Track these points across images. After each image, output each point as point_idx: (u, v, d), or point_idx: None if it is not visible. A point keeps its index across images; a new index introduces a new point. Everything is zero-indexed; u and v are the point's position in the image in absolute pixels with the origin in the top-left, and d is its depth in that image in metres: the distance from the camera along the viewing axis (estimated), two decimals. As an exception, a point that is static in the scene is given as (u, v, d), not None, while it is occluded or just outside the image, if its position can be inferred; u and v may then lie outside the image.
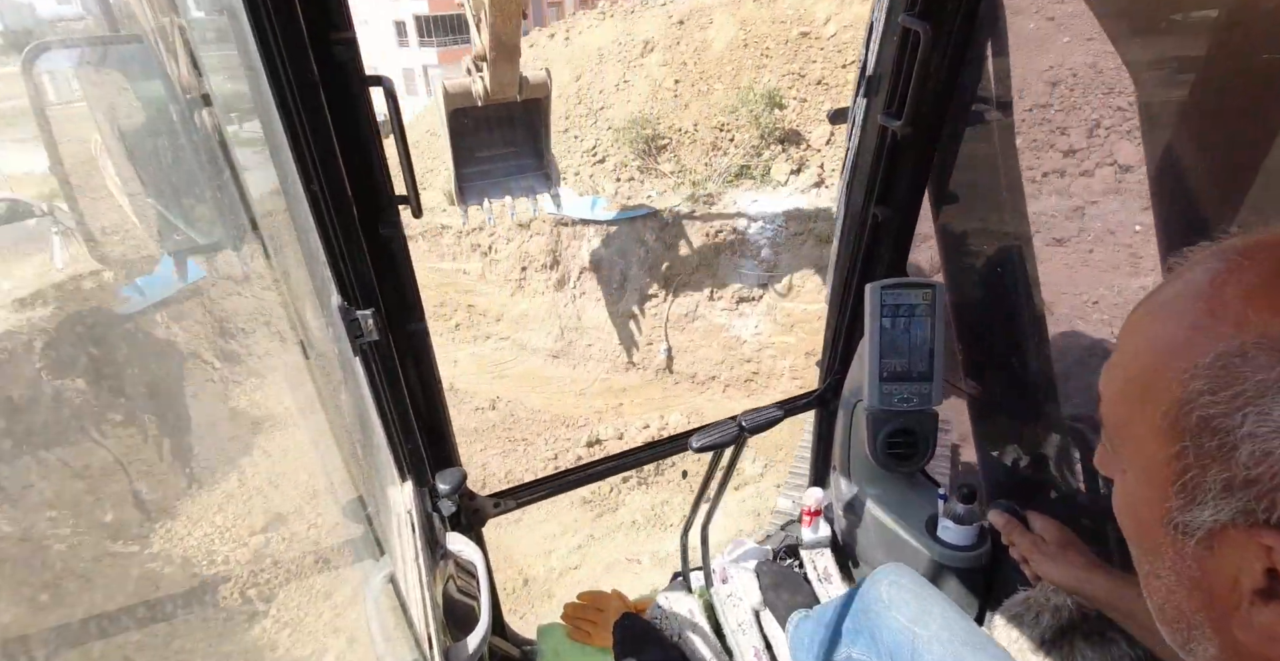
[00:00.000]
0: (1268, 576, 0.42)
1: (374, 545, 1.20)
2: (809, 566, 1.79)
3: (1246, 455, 0.41)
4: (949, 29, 1.14)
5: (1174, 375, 0.45)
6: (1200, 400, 0.43)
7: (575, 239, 9.08)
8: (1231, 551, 0.44)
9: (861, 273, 1.46)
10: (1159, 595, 0.52)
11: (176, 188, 0.96)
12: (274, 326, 3.24)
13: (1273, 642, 0.44)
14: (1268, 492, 0.41)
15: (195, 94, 0.81)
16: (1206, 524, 0.44)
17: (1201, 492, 0.44)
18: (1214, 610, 0.47)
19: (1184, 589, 0.49)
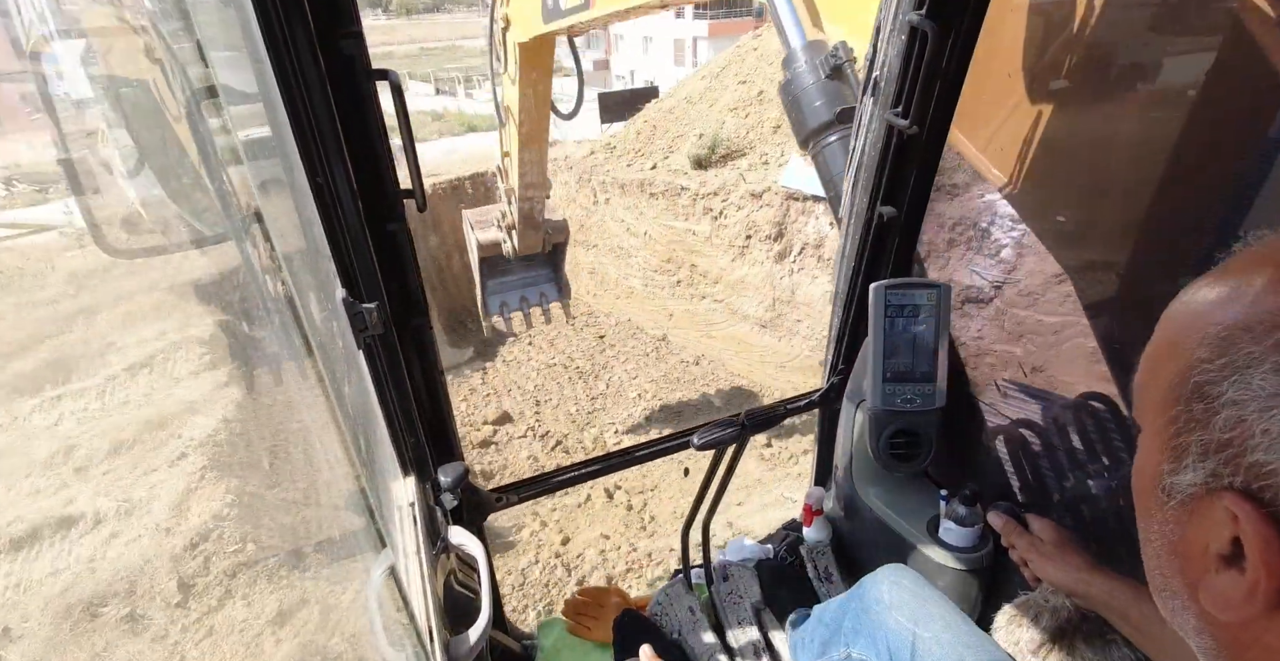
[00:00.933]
0: (1233, 544, 0.44)
1: (375, 537, 1.20)
2: (809, 565, 1.79)
3: (1223, 420, 0.43)
4: (956, 28, 1.14)
5: (1188, 345, 0.47)
6: (1200, 367, 0.45)
7: (804, 215, 9.08)
8: (1205, 517, 0.45)
9: (866, 272, 1.46)
10: (1149, 561, 0.53)
11: (182, 179, 0.96)
12: (278, 318, 3.27)
13: (1225, 609, 0.45)
14: (1235, 457, 0.43)
15: (201, 85, 0.81)
16: (1188, 488, 0.46)
17: (1186, 456, 0.46)
18: (1187, 575, 0.49)
19: (1166, 553, 0.50)
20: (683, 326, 9.97)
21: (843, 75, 1.50)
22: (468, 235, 6.03)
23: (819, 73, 1.54)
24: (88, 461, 5.68)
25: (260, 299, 0.96)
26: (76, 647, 4.14)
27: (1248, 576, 0.43)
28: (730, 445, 1.43)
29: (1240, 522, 0.42)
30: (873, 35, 1.22)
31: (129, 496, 5.27)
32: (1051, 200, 1.33)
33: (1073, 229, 1.33)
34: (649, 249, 10.23)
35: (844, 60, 1.50)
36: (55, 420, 6.19)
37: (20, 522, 5.01)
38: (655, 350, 10.00)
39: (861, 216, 1.39)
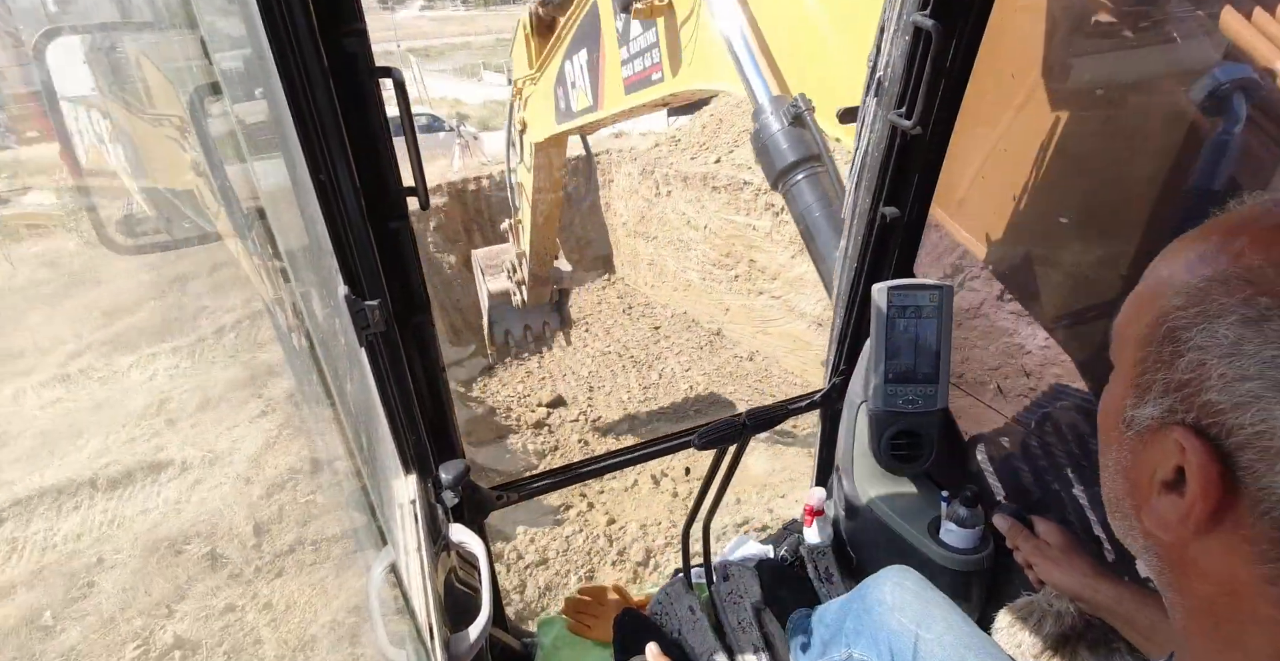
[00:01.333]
0: (1176, 472, 0.48)
1: (376, 534, 1.20)
2: (810, 566, 1.78)
3: (1186, 363, 0.47)
4: (960, 28, 1.14)
5: (1166, 294, 0.50)
6: (1175, 314, 0.49)
7: (865, 214, 9.18)
8: (1157, 447, 0.50)
9: (869, 273, 1.46)
10: (1106, 485, 0.59)
11: (186, 175, 0.96)
12: (281, 315, 3.38)
13: (1162, 528, 0.51)
14: (1190, 396, 0.47)
15: (205, 81, 0.82)
16: (1145, 420, 0.51)
17: (1149, 392, 0.51)
18: (1135, 497, 0.54)
19: (1120, 477, 0.55)
20: (738, 321, 9.95)
21: (803, 123, 1.67)
22: (478, 279, 6.41)
23: (783, 121, 1.71)
24: (178, 414, 6.30)
25: (263, 292, 0.96)
26: (161, 579, 4.61)
27: (1185, 500, 0.47)
28: (731, 445, 1.43)
29: (1186, 453, 0.47)
30: (876, 35, 1.21)
31: (213, 448, 5.84)
32: (1054, 204, 1.33)
33: (1071, 229, 1.33)
34: (708, 242, 10.23)
35: (803, 109, 1.66)
36: (150, 375, 6.88)
37: (116, 465, 5.59)
38: (709, 344, 10.00)
39: (864, 217, 1.38)
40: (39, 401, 6.65)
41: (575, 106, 3.51)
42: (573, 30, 3.30)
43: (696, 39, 2.25)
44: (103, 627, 4.32)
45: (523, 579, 5.46)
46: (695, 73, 2.34)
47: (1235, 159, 1.08)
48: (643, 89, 2.76)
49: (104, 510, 5.31)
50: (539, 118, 4.19)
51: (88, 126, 1.06)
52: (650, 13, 2.37)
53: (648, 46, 2.61)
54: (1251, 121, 1.05)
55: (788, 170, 1.69)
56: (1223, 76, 1.06)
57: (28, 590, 4.61)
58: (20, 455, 5.94)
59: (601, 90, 3.17)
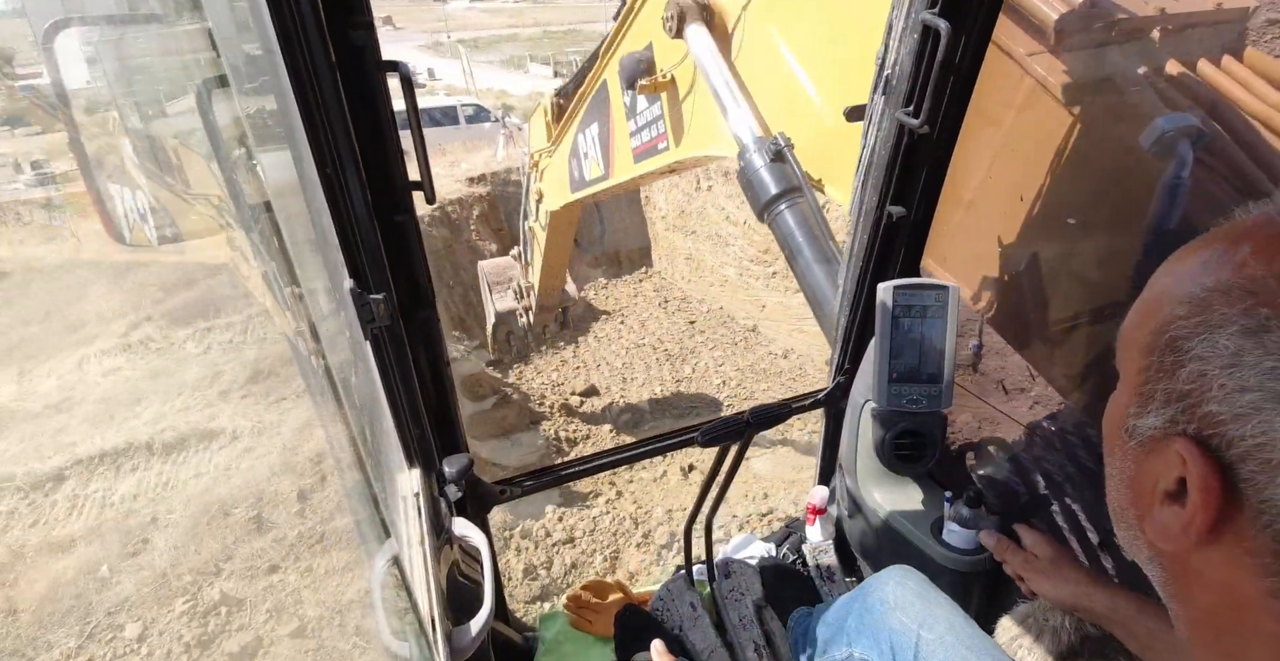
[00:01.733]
0: (1178, 482, 0.48)
1: (380, 527, 1.20)
2: (812, 564, 1.79)
3: (1188, 373, 0.47)
4: (970, 27, 1.13)
5: (1169, 302, 0.50)
6: (1177, 323, 0.49)
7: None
8: (1159, 457, 0.50)
9: (874, 272, 1.45)
10: (1110, 494, 0.58)
11: (193, 168, 0.96)
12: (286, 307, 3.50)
13: (1164, 539, 0.51)
14: (1192, 407, 0.47)
15: (212, 74, 0.81)
16: (1148, 430, 0.51)
17: (1151, 402, 0.51)
18: (1138, 507, 0.54)
19: (1123, 486, 0.56)
20: (774, 319, 9.96)
21: (784, 158, 1.81)
22: (484, 294, 6.61)
23: (765, 158, 1.85)
24: (230, 385, 6.71)
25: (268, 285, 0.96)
26: (211, 539, 4.99)
27: (1187, 511, 0.47)
28: (734, 442, 1.43)
29: (1188, 465, 0.47)
30: (885, 34, 1.21)
31: (262, 419, 6.24)
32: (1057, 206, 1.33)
33: (1078, 232, 1.33)
34: (747, 238, 10.25)
35: (783, 146, 1.80)
36: (205, 348, 7.41)
37: (171, 431, 6.01)
38: (744, 340, 10.04)
39: (870, 215, 1.38)
40: (101, 369, 7.12)
41: (588, 175, 3.75)
42: (585, 105, 3.55)
43: (696, 110, 2.48)
44: (155, 582, 4.67)
45: (549, 556, 5.58)
46: (696, 141, 2.54)
47: (1186, 200, 1.14)
48: (650, 158, 2.96)
49: (159, 473, 5.70)
50: (555, 187, 4.44)
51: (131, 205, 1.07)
52: (654, 88, 2.62)
53: (653, 119, 2.84)
54: (1201, 164, 1.12)
55: (772, 201, 1.81)
56: (1166, 125, 1.13)
57: (86, 544, 4.99)
58: (83, 419, 6.33)
59: (612, 160, 3.38)
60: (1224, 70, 1.13)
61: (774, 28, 2.01)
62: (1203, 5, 1.19)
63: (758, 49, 2.10)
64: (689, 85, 2.47)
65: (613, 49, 3.02)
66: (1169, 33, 1.21)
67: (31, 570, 4.82)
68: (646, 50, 2.64)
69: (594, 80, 3.33)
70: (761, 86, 2.08)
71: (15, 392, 6.92)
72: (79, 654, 4.24)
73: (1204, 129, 1.12)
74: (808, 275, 1.73)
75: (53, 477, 5.62)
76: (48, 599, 4.58)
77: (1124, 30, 1.23)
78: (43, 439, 6.14)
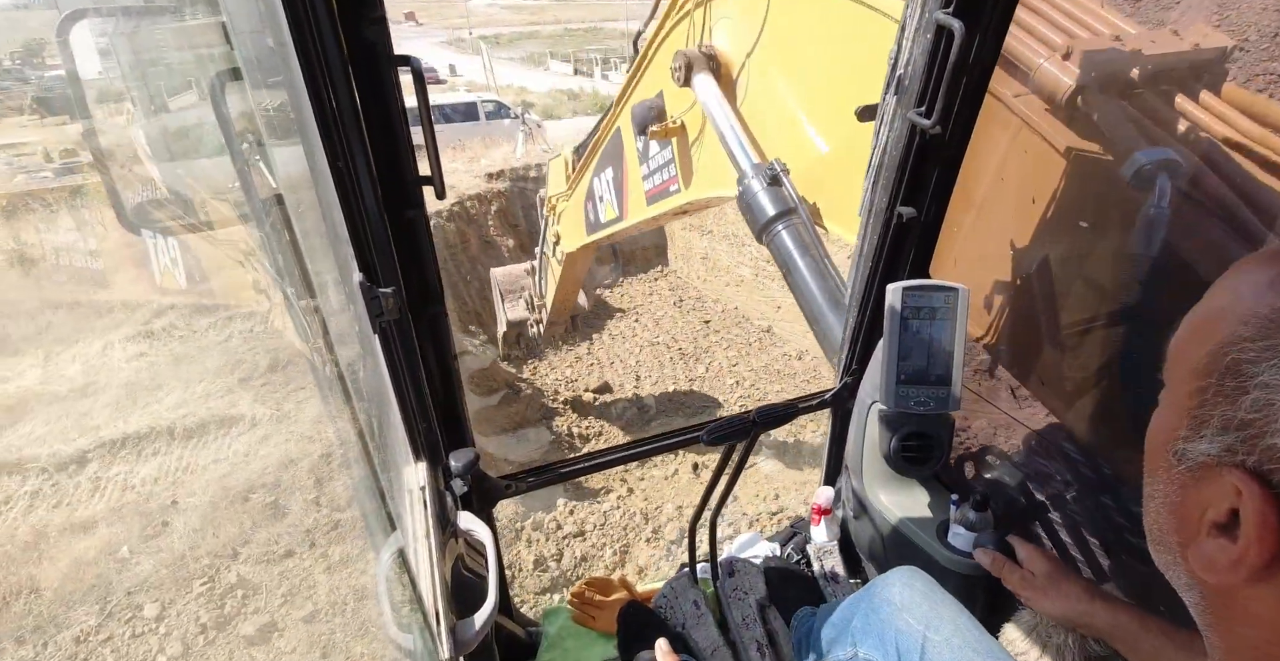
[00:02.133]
0: (1230, 514, 0.46)
1: (386, 520, 1.22)
2: (816, 565, 1.78)
3: (1251, 401, 0.44)
4: (984, 28, 1.12)
5: (1231, 319, 0.47)
6: (1240, 344, 0.45)
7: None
8: (1210, 486, 0.47)
9: (884, 272, 1.44)
10: (1149, 515, 0.56)
11: (206, 159, 0.98)
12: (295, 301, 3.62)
13: (1210, 571, 0.48)
14: (1253, 438, 0.43)
15: (225, 66, 0.83)
16: (1199, 456, 0.48)
17: (1206, 427, 0.47)
18: (1182, 534, 0.51)
19: (1166, 510, 0.53)
20: (789, 320, 9.93)
21: (779, 182, 1.94)
22: (496, 302, 6.82)
23: (763, 182, 1.97)
24: (250, 373, 6.87)
25: (277, 279, 0.97)
26: (228, 523, 5.11)
27: (1238, 546, 0.45)
28: (740, 441, 1.42)
29: (1244, 498, 0.44)
30: (898, 33, 1.20)
31: (281, 407, 6.37)
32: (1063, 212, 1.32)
33: (1090, 236, 1.32)
34: None
35: (779, 171, 1.94)
36: (226, 337, 7.56)
37: (192, 417, 6.15)
38: (759, 340, 10.06)
39: (880, 216, 1.37)
40: (125, 355, 7.34)
41: (604, 218, 3.92)
42: (600, 152, 3.73)
43: (705, 154, 2.61)
44: (174, 564, 4.78)
45: (560, 548, 5.65)
46: (705, 183, 2.67)
47: (1166, 228, 1.19)
48: (663, 200, 3.10)
49: (179, 457, 5.84)
50: (571, 229, 4.63)
51: (164, 250, 1.09)
52: (665, 134, 2.78)
53: (665, 163, 2.99)
54: (1182, 194, 1.16)
55: (769, 223, 1.92)
56: (1144, 158, 1.18)
57: (108, 525, 5.12)
58: (107, 403, 6.51)
59: (626, 202, 3.54)
60: (1202, 105, 1.18)
61: (775, 69, 2.17)
62: (1179, 46, 1.23)
63: (760, 91, 2.25)
64: (698, 130, 2.62)
65: (625, 97, 3.19)
66: (1146, 73, 1.25)
67: (54, 549, 4.96)
68: (657, 98, 2.82)
69: (608, 127, 3.52)
70: (764, 124, 2.23)
71: (41, 376, 7.10)
72: (99, 632, 4.35)
73: (1181, 162, 1.16)
74: (804, 291, 1.79)
75: (76, 460, 5.78)
76: (69, 578, 4.70)
77: (1101, 72, 1.28)
78: (67, 422, 6.30)
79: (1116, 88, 1.26)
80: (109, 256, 9.19)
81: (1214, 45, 1.15)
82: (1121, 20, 1.29)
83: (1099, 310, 1.34)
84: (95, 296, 8.55)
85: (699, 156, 2.68)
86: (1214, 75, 1.16)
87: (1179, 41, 1.19)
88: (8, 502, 5.39)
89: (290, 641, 4.35)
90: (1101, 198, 1.30)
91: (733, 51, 2.36)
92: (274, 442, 5.95)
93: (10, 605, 4.52)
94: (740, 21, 2.29)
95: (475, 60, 33.17)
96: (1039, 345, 1.43)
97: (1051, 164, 1.32)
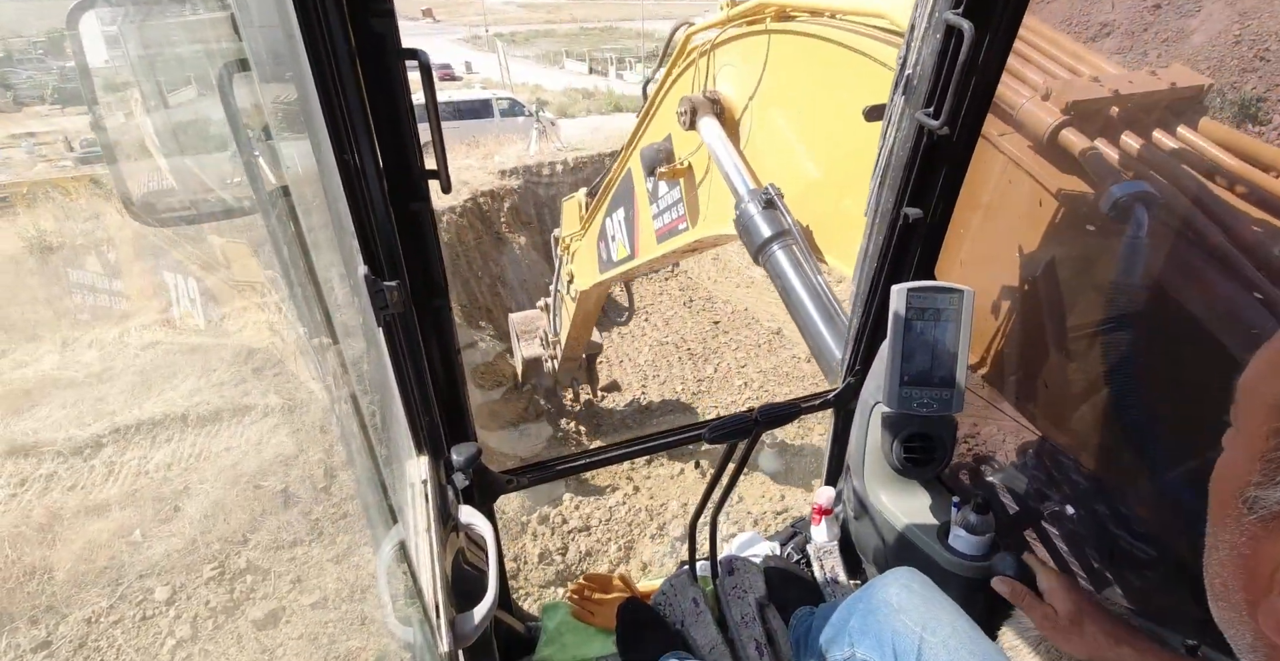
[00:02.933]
0: None
1: (387, 512, 1.22)
2: (816, 565, 1.78)
3: None
4: (994, 29, 1.11)
5: None
6: None
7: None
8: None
9: (889, 273, 1.44)
10: (1211, 567, 0.52)
11: (213, 150, 0.98)
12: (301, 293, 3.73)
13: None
14: None
15: (234, 58, 0.83)
16: (1273, 504, 0.44)
17: (1278, 470, 0.44)
18: (1251, 591, 0.47)
19: (1233, 563, 0.48)
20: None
21: (774, 205, 2.05)
22: (514, 343, 6.98)
23: (759, 205, 2.08)
24: (263, 363, 6.96)
25: (283, 270, 0.98)
26: (239, 510, 5.20)
27: None
28: (742, 440, 1.42)
29: None
30: (906, 33, 1.19)
31: (293, 396, 6.46)
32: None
33: (1098, 241, 1.30)
34: None
35: (773, 195, 2.06)
36: (241, 326, 7.63)
37: (206, 405, 6.26)
38: (768, 342, 10.04)
39: (886, 217, 1.36)
40: (141, 342, 7.45)
41: (615, 256, 4.04)
42: (611, 193, 3.86)
43: (712, 193, 2.73)
44: (185, 548, 4.87)
45: (565, 542, 5.69)
46: (712, 222, 2.79)
47: (1145, 256, 1.22)
48: (672, 238, 3.22)
49: (193, 444, 5.93)
50: (585, 268, 4.75)
51: (184, 291, 1.11)
52: (673, 175, 2.93)
53: (673, 202, 3.12)
54: (1161, 224, 1.19)
55: (765, 244, 2.01)
56: (1119, 192, 1.22)
57: (121, 509, 5.22)
58: (122, 389, 6.63)
59: (637, 241, 3.66)
60: (1180, 139, 1.22)
61: (776, 109, 2.30)
62: (1157, 85, 1.26)
63: (762, 130, 2.40)
64: (704, 171, 2.75)
65: (635, 141, 3.35)
66: (1125, 111, 1.30)
67: (68, 532, 5.03)
68: (665, 141, 2.96)
69: (619, 169, 3.66)
70: (763, 158, 2.38)
71: (59, 361, 7.21)
72: (110, 613, 4.42)
73: (1157, 194, 1.20)
74: (799, 307, 1.86)
75: (91, 444, 5.86)
76: (82, 559, 4.78)
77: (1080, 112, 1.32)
78: (83, 407, 6.38)
79: (1095, 125, 1.30)
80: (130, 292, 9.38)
81: (1190, 84, 1.20)
82: (1104, 61, 1.34)
83: (1106, 315, 1.33)
84: (111, 284, 8.67)
85: (706, 196, 2.80)
86: (1193, 112, 1.20)
87: (1157, 81, 1.23)
88: (24, 485, 5.47)
89: (297, 627, 4.41)
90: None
91: (735, 96, 2.51)
92: (286, 432, 6.04)
93: (24, 585, 4.61)
94: (742, 68, 2.44)
95: (491, 58, 33.38)
96: (1044, 349, 1.42)
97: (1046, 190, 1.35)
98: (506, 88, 22.41)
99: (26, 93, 24.03)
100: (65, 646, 4.24)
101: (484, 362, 8.05)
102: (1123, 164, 1.26)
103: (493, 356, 8.30)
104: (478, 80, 29.58)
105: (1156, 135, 1.23)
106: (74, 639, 4.28)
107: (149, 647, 4.27)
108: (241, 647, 4.30)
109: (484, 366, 8.02)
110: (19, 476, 5.53)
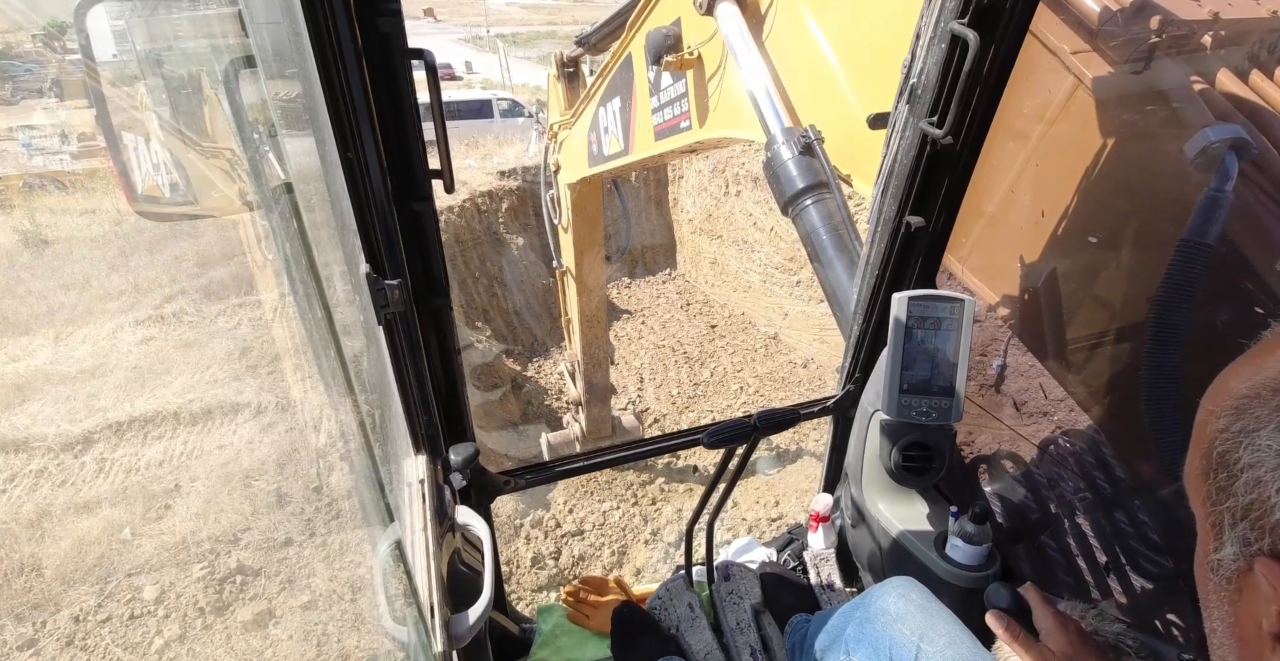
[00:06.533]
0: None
1: (384, 511, 1.22)
2: (812, 572, 1.78)
3: (1243, 484, 0.44)
4: (999, 39, 1.11)
5: (1212, 420, 0.48)
6: (1219, 437, 0.46)
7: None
8: (1250, 591, 0.45)
9: (890, 282, 1.44)
10: (1215, 650, 0.52)
11: (217, 145, 0.98)
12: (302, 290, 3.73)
13: None
14: (1259, 519, 0.43)
15: (240, 54, 0.83)
16: (1230, 564, 0.46)
17: (1222, 530, 0.46)
18: (1246, 656, 0.48)
19: (1226, 637, 0.49)
20: (796, 327, 9.93)
21: (813, 151, 1.73)
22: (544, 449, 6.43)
23: (794, 150, 1.77)
24: (258, 361, 6.94)
25: (284, 268, 0.98)
26: (230, 508, 5.18)
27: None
28: (740, 445, 1.42)
29: (1278, 588, 0.42)
30: (911, 42, 1.20)
31: (287, 395, 6.41)
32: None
33: (1095, 253, 1.31)
34: (773, 245, 10.25)
35: (813, 139, 1.73)
36: (235, 324, 7.59)
37: (198, 403, 6.22)
38: (765, 347, 10.04)
39: (889, 225, 1.37)
40: (134, 338, 7.40)
41: (607, 151, 3.66)
42: (607, 79, 3.45)
43: (722, 90, 2.36)
44: (175, 547, 4.85)
45: (558, 546, 5.68)
46: (720, 121, 2.44)
47: (1226, 215, 1.08)
48: (672, 136, 2.89)
49: (184, 441, 5.89)
50: (573, 160, 4.33)
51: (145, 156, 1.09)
52: (680, 65, 2.51)
53: (677, 96, 2.75)
54: (1245, 177, 1.06)
55: (797, 196, 1.75)
56: (1213, 135, 1.08)
57: (111, 506, 5.19)
58: (115, 385, 6.58)
59: (632, 136, 3.30)
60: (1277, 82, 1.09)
61: (806, 9, 1.93)
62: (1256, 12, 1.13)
63: (790, 32, 2.00)
64: (716, 64, 2.35)
65: (640, 22, 2.90)
66: (1220, 40, 1.14)
67: (58, 528, 5.00)
68: (674, 26, 2.53)
69: (619, 53, 3.22)
70: (792, 72, 1.99)
71: (51, 356, 7.17)
72: (98, 612, 4.39)
73: (1252, 142, 1.07)
74: (829, 273, 1.68)
75: (82, 440, 5.82)
76: (71, 557, 4.74)
77: (1172, 34, 1.16)
78: (75, 402, 6.35)
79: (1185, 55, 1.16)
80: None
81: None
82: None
83: (1107, 326, 1.34)
84: (106, 279, 8.62)
85: (715, 93, 2.42)
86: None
87: (1257, 7, 1.09)
88: (13, 480, 5.43)
89: (287, 629, 4.38)
90: (1115, 212, 1.29)
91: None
92: (279, 430, 6.00)
93: (11, 582, 4.57)
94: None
95: (492, 58, 33.42)
96: (1044, 359, 1.42)
97: (1092, 146, 1.23)
98: (506, 88, 22.44)
99: (27, 86, 23.97)
100: (52, 644, 4.22)
101: (482, 363, 8.02)
102: (1215, 104, 1.12)
103: (491, 357, 8.28)
104: (478, 80, 29.62)
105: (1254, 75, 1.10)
106: (61, 637, 4.25)
107: (137, 646, 4.24)
108: (230, 647, 4.28)
109: (481, 367, 8.00)
110: (9, 471, 5.50)
